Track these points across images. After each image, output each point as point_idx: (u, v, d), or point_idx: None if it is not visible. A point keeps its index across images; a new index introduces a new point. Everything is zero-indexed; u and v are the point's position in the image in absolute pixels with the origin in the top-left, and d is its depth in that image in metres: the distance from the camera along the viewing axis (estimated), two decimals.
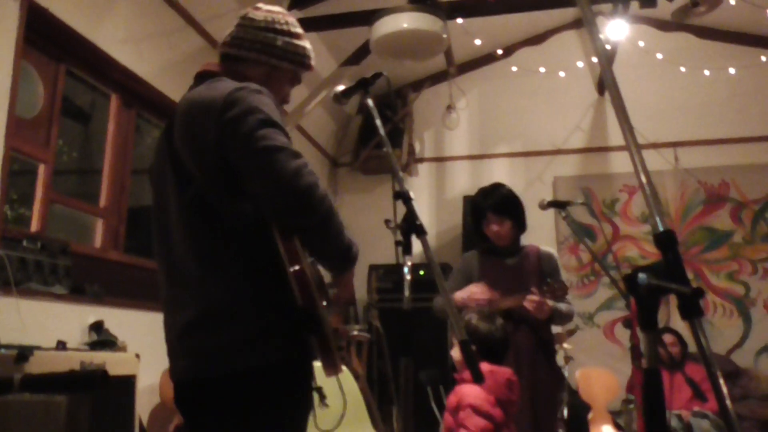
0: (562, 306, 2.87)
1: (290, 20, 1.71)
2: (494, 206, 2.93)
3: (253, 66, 1.65)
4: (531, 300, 2.72)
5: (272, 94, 1.52)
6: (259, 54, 1.65)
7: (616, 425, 4.66)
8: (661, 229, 0.93)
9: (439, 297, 2.99)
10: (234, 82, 1.52)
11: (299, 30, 1.72)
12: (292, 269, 1.38)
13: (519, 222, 2.99)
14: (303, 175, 1.36)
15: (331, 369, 1.48)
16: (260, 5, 1.72)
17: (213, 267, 1.45)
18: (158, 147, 1.62)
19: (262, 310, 1.43)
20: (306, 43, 1.72)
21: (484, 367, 2.39)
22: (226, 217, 1.45)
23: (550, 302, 2.77)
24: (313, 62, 1.74)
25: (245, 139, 1.38)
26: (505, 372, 2.42)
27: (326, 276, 1.66)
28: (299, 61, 1.70)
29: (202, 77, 1.64)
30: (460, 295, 2.88)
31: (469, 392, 2.30)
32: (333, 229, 1.43)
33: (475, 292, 2.84)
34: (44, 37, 3.19)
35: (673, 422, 3.97)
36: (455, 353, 2.51)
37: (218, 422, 1.44)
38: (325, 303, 1.50)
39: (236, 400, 1.42)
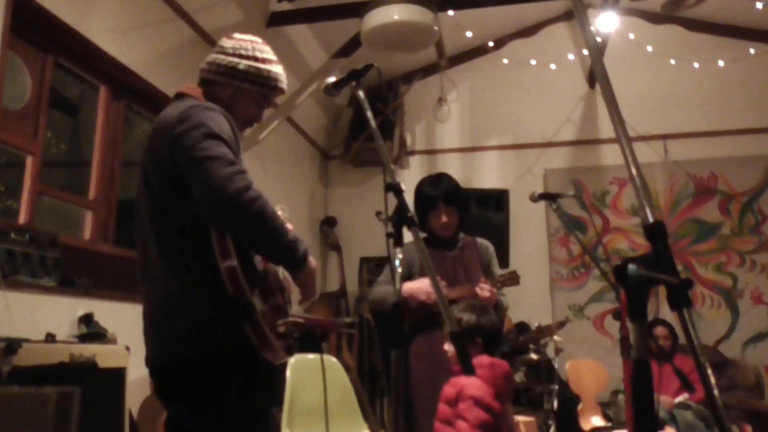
0: (502, 298, 2.88)
1: (258, 47, 1.88)
2: (446, 196, 2.88)
3: (220, 87, 1.83)
4: (483, 288, 2.73)
5: (235, 113, 1.75)
6: (223, 76, 1.82)
7: (605, 416, 4.70)
8: (651, 220, 0.93)
9: (378, 287, 2.96)
10: (193, 101, 1.72)
11: (267, 56, 1.88)
12: (223, 263, 1.53)
13: (463, 214, 2.98)
14: (233, 180, 1.51)
15: (270, 354, 1.61)
16: (234, 35, 1.90)
17: (171, 263, 1.64)
18: (141, 162, 1.79)
19: (213, 300, 1.58)
20: (272, 67, 1.87)
21: (485, 359, 2.39)
22: (179, 218, 1.64)
23: (494, 291, 2.76)
24: (281, 85, 1.89)
25: (188, 150, 1.56)
26: (503, 364, 2.42)
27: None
28: (262, 82, 1.85)
29: (177, 97, 1.82)
30: (410, 286, 2.79)
31: (470, 384, 2.29)
32: (265, 228, 1.57)
33: (429, 291, 2.75)
34: (31, 28, 3.15)
35: (661, 413, 4.01)
36: (449, 347, 2.50)
37: (182, 406, 1.63)
38: (257, 291, 1.60)
39: (194, 385, 1.59)
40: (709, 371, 0.87)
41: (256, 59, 1.84)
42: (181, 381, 1.61)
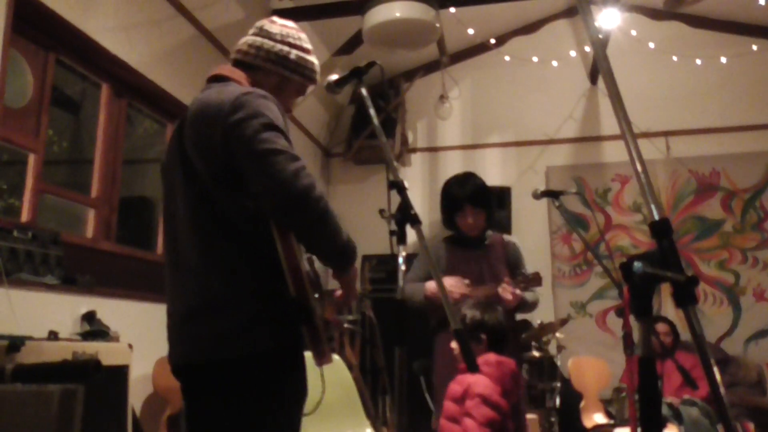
0: (528, 295, 2.89)
1: (302, 36, 1.83)
2: (473, 197, 2.90)
3: (265, 75, 1.75)
4: (505, 289, 2.74)
5: (279, 102, 1.61)
6: (274, 65, 1.75)
7: (608, 413, 4.70)
8: (656, 217, 0.93)
9: (408, 284, 2.97)
10: (242, 86, 1.62)
11: (309, 46, 1.83)
12: (287, 262, 1.47)
13: (490, 213, 2.99)
14: (300, 177, 1.44)
15: (321, 358, 1.56)
16: (275, 19, 1.83)
17: (214, 258, 1.54)
18: (170, 145, 1.71)
19: (257, 300, 1.52)
20: (315, 59, 1.83)
21: (492, 357, 2.39)
22: (228, 212, 1.54)
23: (518, 291, 2.79)
24: (318, 77, 1.85)
25: (248, 141, 1.46)
26: (510, 363, 2.42)
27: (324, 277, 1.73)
28: (308, 75, 1.81)
29: (215, 80, 1.72)
30: (432, 285, 2.85)
31: (478, 381, 2.29)
32: (328, 228, 1.50)
33: (452, 285, 2.82)
34: (33, 26, 3.15)
35: (664, 410, 4.00)
36: (455, 344, 2.50)
37: (212, 406, 1.53)
38: (317, 296, 1.56)
39: (229, 386, 1.51)
40: (715, 369, 0.86)
41: (303, 49, 1.80)
42: (219, 382, 1.51)
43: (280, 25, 1.79)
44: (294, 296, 1.47)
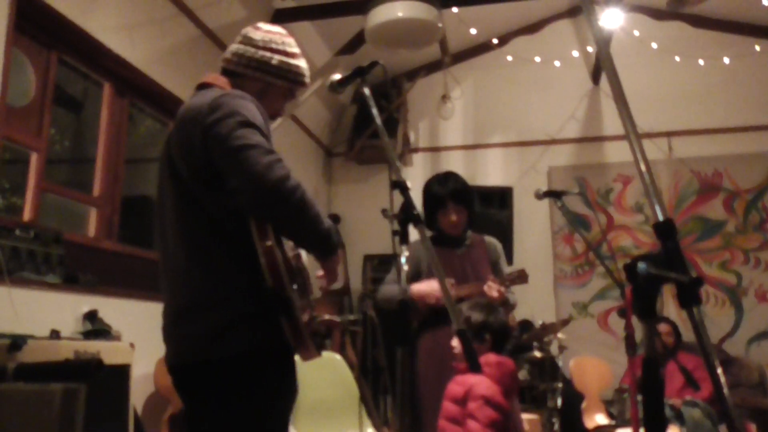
0: (510, 296, 2.87)
1: (287, 40, 1.84)
2: (455, 194, 2.87)
3: (249, 82, 1.78)
4: (491, 287, 2.72)
5: (263, 105, 1.67)
6: (255, 71, 1.78)
7: (609, 414, 4.69)
8: (660, 218, 0.92)
9: (385, 286, 2.96)
10: (222, 90, 1.66)
11: (295, 50, 1.84)
12: (263, 252, 1.48)
13: (472, 211, 2.97)
14: (274, 168, 1.47)
15: (304, 352, 1.56)
16: (260, 25, 1.85)
17: (198, 258, 1.58)
18: (162, 150, 1.75)
19: (245, 298, 1.54)
20: (301, 62, 1.84)
21: (492, 357, 2.38)
22: (210, 211, 1.58)
23: (503, 289, 2.75)
24: (307, 80, 1.86)
25: (224, 139, 1.51)
26: (509, 362, 2.42)
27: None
28: (293, 78, 1.82)
29: (201, 87, 1.76)
30: (419, 288, 2.77)
31: (480, 383, 2.28)
32: (307, 216, 1.52)
33: (429, 290, 2.74)
34: (36, 25, 3.15)
35: (665, 411, 4.00)
36: (456, 343, 2.49)
37: (206, 405, 1.55)
38: (295, 287, 1.55)
39: (221, 384, 1.53)
40: (719, 371, 0.86)
41: (286, 54, 1.81)
42: (209, 381, 1.54)
43: (263, 32, 1.82)
44: (271, 287, 1.47)
